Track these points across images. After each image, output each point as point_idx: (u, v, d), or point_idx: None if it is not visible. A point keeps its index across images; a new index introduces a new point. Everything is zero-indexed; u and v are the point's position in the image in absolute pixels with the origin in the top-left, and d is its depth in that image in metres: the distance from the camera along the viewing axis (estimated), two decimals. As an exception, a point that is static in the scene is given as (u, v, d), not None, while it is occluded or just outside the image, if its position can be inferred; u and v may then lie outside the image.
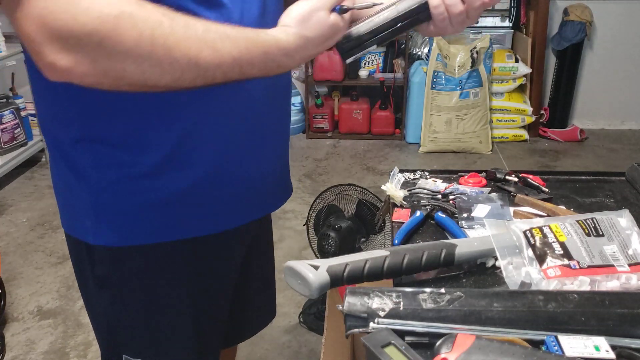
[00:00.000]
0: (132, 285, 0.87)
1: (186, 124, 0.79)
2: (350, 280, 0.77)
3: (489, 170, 1.17)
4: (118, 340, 0.91)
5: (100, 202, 0.81)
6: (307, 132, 4.06)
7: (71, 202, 0.84)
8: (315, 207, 2.11)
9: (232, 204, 0.88)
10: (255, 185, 0.90)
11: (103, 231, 0.82)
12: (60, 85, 0.73)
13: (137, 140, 0.78)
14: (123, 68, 0.63)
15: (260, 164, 0.90)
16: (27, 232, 2.83)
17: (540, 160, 3.66)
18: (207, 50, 0.66)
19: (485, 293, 0.71)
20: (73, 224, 0.86)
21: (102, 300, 0.89)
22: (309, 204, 2.16)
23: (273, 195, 0.97)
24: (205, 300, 0.93)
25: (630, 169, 1.16)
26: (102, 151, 0.78)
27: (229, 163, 0.84)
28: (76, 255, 0.90)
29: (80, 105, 0.76)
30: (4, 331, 2.11)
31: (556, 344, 0.64)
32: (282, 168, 0.99)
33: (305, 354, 2.00)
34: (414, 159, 3.71)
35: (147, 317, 0.89)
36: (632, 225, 0.85)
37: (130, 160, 0.78)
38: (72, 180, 0.82)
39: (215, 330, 0.98)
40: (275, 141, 0.94)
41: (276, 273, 1.18)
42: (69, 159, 0.81)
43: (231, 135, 0.83)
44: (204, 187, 0.83)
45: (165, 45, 0.63)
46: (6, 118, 3.29)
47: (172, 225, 0.83)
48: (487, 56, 3.64)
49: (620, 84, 4.07)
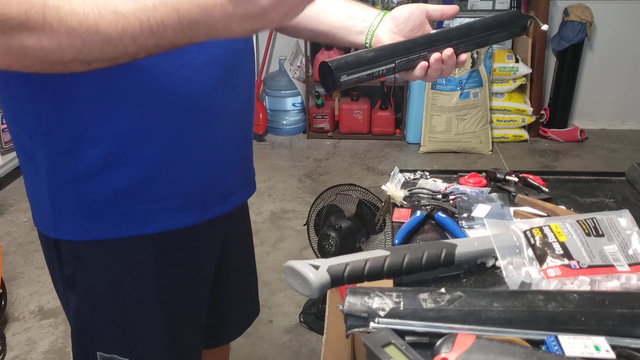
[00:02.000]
0: (99, 282, 0.88)
1: (134, 118, 0.79)
2: (350, 280, 0.78)
3: (489, 170, 1.18)
4: (91, 337, 0.91)
5: (58, 196, 0.82)
6: (307, 132, 4.06)
7: (36, 197, 0.86)
8: (315, 207, 2.11)
9: (186, 201, 0.88)
10: (210, 182, 0.90)
11: (64, 225, 0.84)
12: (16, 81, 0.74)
13: (88, 134, 0.79)
14: (21, 43, 0.60)
15: (215, 161, 0.90)
16: (28, 231, 2.83)
17: (540, 161, 3.66)
18: (108, 14, 0.60)
19: (486, 293, 0.71)
20: (39, 219, 0.88)
21: (71, 298, 0.89)
22: (310, 204, 2.16)
23: (232, 192, 0.97)
24: (178, 295, 0.93)
25: (631, 169, 1.16)
26: (55, 145, 0.79)
27: (179, 158, 0.85)
28: (47, 253, 0.92)
29: (34, 100, 0.77)
30: (5, 331, 2.11)
31: (556, 343, 0.64)
32: (243, 165, 0.99)
33: (305, 353, 2.00)
34: (414, 159, 3.72)
35: (117, 313, 0.90)
36: (632, 225, 0.85)
37: (81, 155, 0.80)
38: (33, 176, 0.84)
39: (192, 326, 0.98)
40: (232, 138, 0.93)
41: (276, 273, 1.18)
42: (28, 155, 0.83)
43: (180, 130, 0.83)
44: (153, 184, 0.84)
45: (59, 15, 0.59)
46: (7, 118, 3.29)
47: (130, 220, 0.84)
48: (487, 56, 3.65)
49: (621, 84, 4.07)
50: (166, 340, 0.93)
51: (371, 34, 0.92)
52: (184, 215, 0.89)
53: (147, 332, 0.92)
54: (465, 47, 0.90)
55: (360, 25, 0.93)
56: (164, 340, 0.93)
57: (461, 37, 0.89)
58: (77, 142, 0.79)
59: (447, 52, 0.87)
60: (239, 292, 1.14)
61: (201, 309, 1.00)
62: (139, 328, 0.91)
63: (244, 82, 0.92)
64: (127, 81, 0.77)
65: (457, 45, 0.89)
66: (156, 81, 0.79)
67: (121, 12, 0.60)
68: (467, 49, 0.90)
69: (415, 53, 0.86)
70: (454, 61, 0.88)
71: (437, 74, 0.88)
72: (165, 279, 0.91)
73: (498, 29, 0.93)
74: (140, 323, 0.91)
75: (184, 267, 0.93)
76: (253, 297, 1.21)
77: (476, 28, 0.91)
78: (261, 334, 2.08)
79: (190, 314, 0.97)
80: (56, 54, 0.61)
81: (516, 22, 0.95)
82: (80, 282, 0.88)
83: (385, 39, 0.90)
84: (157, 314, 0.91)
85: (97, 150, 0.80)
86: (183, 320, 0.95)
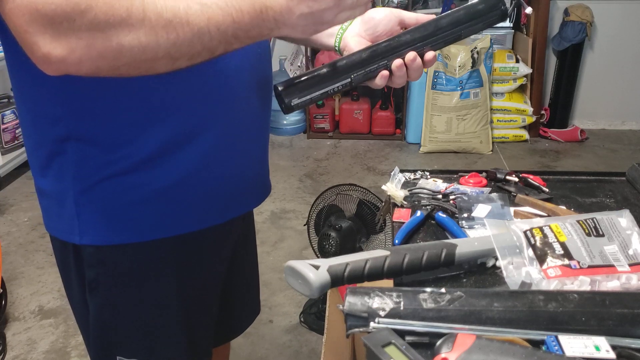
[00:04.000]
0: (121, 286, 0.87)
1: (171, 123, 0.79)
2: (350, 280, 0.78)
3: (489, 170, 1.18)
4: (111, 341, 0.91)
5: (84, 202, 0.81)
6: (307, 132, 4.06)
7: (55, 203, 0.84)
8: (315, 207, 2.11)
9: (215, 202, 0.88)
10: (236, 183, 0.91)
11: (88, 230, 0.82)
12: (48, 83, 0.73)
13: (122, 139, 0.78)
14: (119, 43, 0.62)
15: (242, 163, 0.91)
16: (28, 231, 2.83)
17: (540, 161, 3.66)
18: (194, 5, 0.65)
19: (486, 293, 0.71)
20: (58, 226, 0.86)
21: (92, 303, 0.89)
22: (310, 204, 2.16)
23: (253, 193, 0.98)
24: (195, 297, 0.93)
25: (631, 169, 1.16)
26: (87, 149, 0.79)
27: (212, 162, 0.85)
28: (62, 260, 0.91)
29: (68, 103, 0.76)
30: (5, 331, 2.11)
31: (556, 343, 0.64)
32: (262, 166, 1.01)
33: (305, 353, 2.00)
34: (415, 159, 3.72)
35: (138, 316, 0.90)
36: (632, 226, 0.85)
37: (114, 159, 0.79)
38: (57, 180, 0.82)
39: (206, 327, 0.99)
40: (255, 140, 0.94)
41: (276, 273, 1.19)
42: (54, 159, 0.81)
43: (210, 136, 0.84)
44: (186, 186, 0.84)
45: (156, 9, 0.62)
46: (7, 118, 3.30)
47: (157, 223, 0.84)
48: (487, 56, 3.64)
49: (621, 84, 4.07)
50: (183, 342, 0.93)
51: (339, 36, 0.91)
52: (210, 216, 0.89)
53: (166, 335, 0.92)
54: (433, 47, 0.82)
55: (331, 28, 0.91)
56: (181, 342, 0.93)
57: (427, 38, 0.81)
58: (109, 146, 0.78)
59: (409, 56, 0.81)
60: (243, 291, 1.15)
61: (214, 310, 1.00)
62: (159, 331, 0.91)
63: (264, 84, 0.93)
64: (167, 86, 0.77)
65: (422, 47, 0.81)
66: (192, 87, 0.79)
67: (204, 2, 0.65)
68: (436, 48, 0.82)
69: (373, 64, 0.80)
70: (419, 64, 0.82)
71: (402, 80, 0.83)
72: (185, 281, 0.91)
73: (470, 22, 0.82)
74: (160, 326, 0.91)
75: (202, 268, 0.93)
76: (255, 295, 1.21)
77: (444, 25, 0.82)
78: (261, 334, 2.08)
79: (204, 315, 0.97)
80: (152, 51, 0.64)
81: (492, 10, 0.83)
82: (102, 286, 0.87)
83: (352, 42, 0.89)
84: (176, 316, 0.91)
85: (129, 154, 0.79)
86: (198, 321, 0.96)
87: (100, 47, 0.62)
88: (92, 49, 0.61)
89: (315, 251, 2.10)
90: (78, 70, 0.64)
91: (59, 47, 0.60)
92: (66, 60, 0.61)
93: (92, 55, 0.62)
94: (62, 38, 0.60)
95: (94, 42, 0.61)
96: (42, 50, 0.61)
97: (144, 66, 0.66)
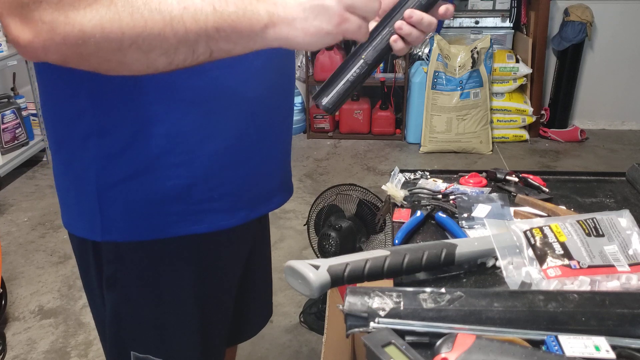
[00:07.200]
0: (139, 283, 0.87)
1: (193, 119, 0.79)
2: (350, 279, 0.78)
3: (489, 170, 1.18)
4: (126, 337, 0.91)
5: (107, 198, 0.81)
6: (307, 132, 4.06)
7: (76, 200, 0.84)
8: (315, 207, 2.11)
9: (235, 202, 0.88)
10: (257, 183, 0.91)
11: (110, 227, 0.82)
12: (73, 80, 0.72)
13: (143, 136, 0.78)
14: (82, 28, 0.59)
15: (264, 164, 0.91)
16: (28, 231, 2.83)
17: (540, 161, 3.66)
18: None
19: (486, 293, 0.71)
20: (77, 223, 0.86)
21: (109, 298, 0.89)
22: (310, 203, 2.16)
23: (275, 194, 0.98)
24: (211, 297, 0.93)
25: (631, 169, 1.16)
26: (109, 147, 0.78)
27: (233, 162, 0.85)
28: (81, 256, 0.91)
29: (91, 100, 0.76)
30: (5, 330, 2.11)
31: (556, 343, 0.64)
32: (284, 167, 1.00)
33: (305, 353, 2.00)
34: (415, 159, 3.72)
35: (154, 313, 0.90)
36: (632, 226, 0.85)
37: (136, 156, 0.79)
38: (78, 178, 0.82)
39: (220, 327, 0.99)
40: (278, 140, 0.94)
41: (276, 273, 1.19)
42: (75, 156, 0.81)
43: (233, 134, 0.83)
44: (208, 185, 0.83)
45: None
46: (7, 118, 3.29)
47: (178, 221, 0.84)
48: (487, 56, 3.64)
49: (621, 84, 4.07)
50: (198, 342, 0.93)
51: None
52: (231, 216, 0.88)
53: (181, 333, 0.92)
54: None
55: None
56: (195, 342, 0.93)
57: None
58: (132, 142, 0.78)
59: (407, 13, 0.73)
60: (258, 293, 1.15)
61: (228, 310, 1.00)
62: (174, 328, 0.91)
63: (289, 85, 0.93)
64: (188, 82, 0.76)
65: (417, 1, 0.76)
66: (216, 83, 0.79)
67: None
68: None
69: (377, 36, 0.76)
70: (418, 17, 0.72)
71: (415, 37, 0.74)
72: (202, 280, 0.91)
73: None
74: (176, 323, 0.91)
75: (219, 267, 0.93)
76: (269, 299, 1.22)
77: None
78: (261, 333, 2.06)
79: (219, 314, 0.97)
80: (116, 39, 0.60)
81: None
82: (120, 282, 0.87)
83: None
84: (191, 314, 0.91)
85: (153, 151, 0.79)
86: (213, 321, 0.96)
87: (62, 31, 0.59)
88: (55, 33, 0.59)
89: (315, 251, 2.10)
90: (46, 57, 0.62)
91: (26, 29, 0.59)
92: (33, 44, 0.60)
93: (56, 40, 0.60)
94: (29, 21, 0.59)
95: (56, 27, 0.59)
96: (12, 34, 0.60)
97: (113, 58, 0.62)
